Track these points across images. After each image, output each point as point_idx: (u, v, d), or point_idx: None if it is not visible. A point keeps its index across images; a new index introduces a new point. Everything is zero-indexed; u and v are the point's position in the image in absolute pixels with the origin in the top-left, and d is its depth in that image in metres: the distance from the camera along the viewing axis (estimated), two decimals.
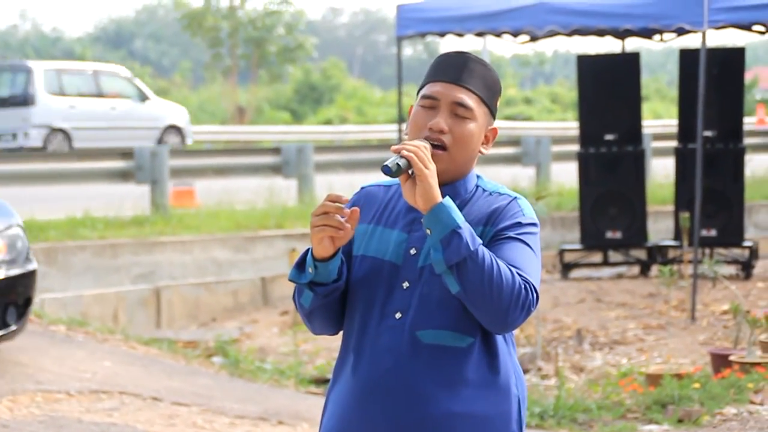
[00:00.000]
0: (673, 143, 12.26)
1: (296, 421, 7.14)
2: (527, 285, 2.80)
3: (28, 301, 7.57)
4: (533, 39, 11.73)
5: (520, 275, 2.80)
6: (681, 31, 11.23)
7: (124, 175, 13.94)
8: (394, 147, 2.82)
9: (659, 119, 33.30)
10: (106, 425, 6.87)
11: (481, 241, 2.80)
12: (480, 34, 11.82)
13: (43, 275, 11.49)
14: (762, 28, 10.91)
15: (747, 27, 10.77)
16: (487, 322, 2.82)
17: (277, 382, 8.26)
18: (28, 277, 7.58)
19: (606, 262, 12.09)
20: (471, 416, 2.86)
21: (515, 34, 11.63)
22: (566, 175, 16.10)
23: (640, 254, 12.04)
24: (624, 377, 7.69)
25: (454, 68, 2.95)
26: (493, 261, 2.78)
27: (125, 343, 9.16)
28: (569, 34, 11.47)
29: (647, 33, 11.82)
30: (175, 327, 11.24)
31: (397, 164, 2.80)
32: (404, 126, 14.29)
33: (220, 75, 43.14)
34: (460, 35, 11.44)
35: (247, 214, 13.60)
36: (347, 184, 13.34)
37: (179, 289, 11.71)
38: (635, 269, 12.13)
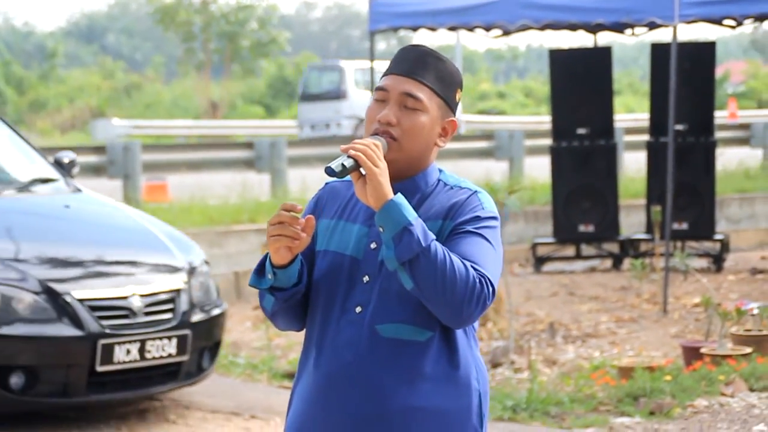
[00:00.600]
0: (645, 137, 12.30)
1: (269, 416, 7.14)
2: (482, 279, 2.80)
3: (218, 344, 7.12)
4: (506, 33, 11.75)
5: (475, 269, 2.80)
6: (652, 26, 11.28)
7: (96, 170, 13.90)
8: (343, 146, 2.83)
9: (632, 113, 33.41)
10: (76, 422, 6.86)
11: (434, 237, 2.80)
12: (453, 29, 11.83)
13: None
14: (733, 23, 10.96)
15: (718, 21, 10.81)
16: (443, 316, 2.82)
17: (250, 376, 8.26)
18: (221, 318, 7.11)
19: (579, 256, 12.13)
20: (430, 410, 2.86)
21: (488, 29, 11.65)
22: (539, 169, 16.14)
23: (613, 248, 12.09)
24: (596, 370, 7.71)
25: (407, 61, 2.94)
26: (447, 256, 2.78)
27: None
28: (541, 29, 11.49)
29: (619, 27, 11.86)
30: None
31: (342, 164, 2.80)
32: None
33: (193, 69, 43.06)
34: (433, 29, 11.45)
35: (220, 209, 13.58)
36: (320, 179, 13.30)
37: None
38: (608, 263, 12.18)
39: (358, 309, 2.89)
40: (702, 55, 11.61)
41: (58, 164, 7.71)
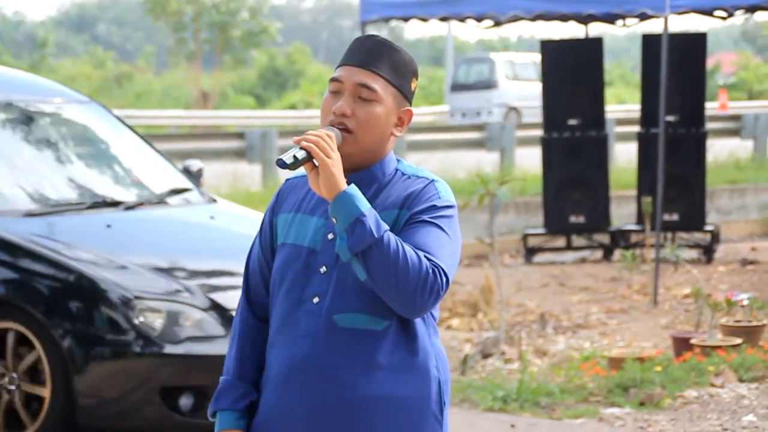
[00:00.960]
0: (636, 128, 12.31)
1: None
2: (436, 269, 2.81)
3: None
4: (497, 24, 11.75)
5: (428, 259, 2.81)
6: (643, 17, 11.28)
7: None
8: (296, 138, 2.84)
9: (623, 104, 33.43)
10: None
11: (387, 228, 2.80)
12: (444, 19, 11.83)
13: None
14: (724, 14, 10.97)
15: (709, 12, 10.82)
16: (396, 307, 2.84)
17: None
18: None
19: (569, 247, 12.14)
20: (388, 399, 2.88)
21: (479, 19, 11.65)
22: (530, 160, 16.14)
23: (603, 239, 12.10)
24: (586, 361, 7.73)
25: (360, 52, 2.95)
26: (399, 246, 2.79)
27: None
28: (533, 19, 11.49)
29: (610, 18, 11.86)
30: None
31: (294, 156, 2.81)
32: None
33: (184, 60, 42.99)
34: (424, 20, 11.45)
35: None
36: None
37: None
38: (598, 253, 12.19)
39: (316, 299, 2.90)
40: (693, 46, 11.62)
41: (188, 173, 7.37)
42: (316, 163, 2.82)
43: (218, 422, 3.02)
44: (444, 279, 2.81)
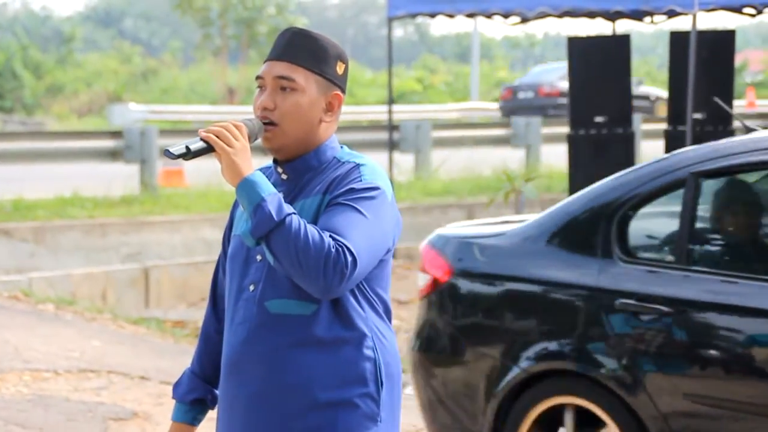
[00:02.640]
0: (663, 125, 12.26)
1: None
2: (340, 247, 2.84)
3: None
4: (524, 20, 11.72)
5: (333, 238, 2.84)
6: (671, 14, 11.25)
7: (113, 155, 13.91)
8: (199, 130, 2.91)
9: None
10: (94, 404, 6.88)
11: (291, 211, 2.85)
12: (471, 15, 11.81)
13: (32, 254, 11.46)
14: (752, 11, 10.92)
15: (737, 9, 10.77)
16: (306, 288, 2.89)
17: None
18: None
19: None
20: (319, 381, 2.93)
21: (506, 16, 11.62)
22: (556, 157, 16.10)
23: None
24: None
25: (278, 46, 3.02)
26: (301, 228, 2.83)
27: (114, 322, 9.16)
28: (560, 16, 11.47)
29: (638, 15, 11.82)
30: (163, 306, 11.23)
31: (186, 147, 2.87)
32: (395, 107, 14.38)
33: (210, 55, 43.06)
34: (451, 16, 11.43)
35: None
36: None
37: (168, 268, 11.71)
38: None
39: (251, 287, 2.99)
40: (721, 43, 11.55)
41: None
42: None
43: (173, 411, 3.18)
44: (349, 257, 2.83)
